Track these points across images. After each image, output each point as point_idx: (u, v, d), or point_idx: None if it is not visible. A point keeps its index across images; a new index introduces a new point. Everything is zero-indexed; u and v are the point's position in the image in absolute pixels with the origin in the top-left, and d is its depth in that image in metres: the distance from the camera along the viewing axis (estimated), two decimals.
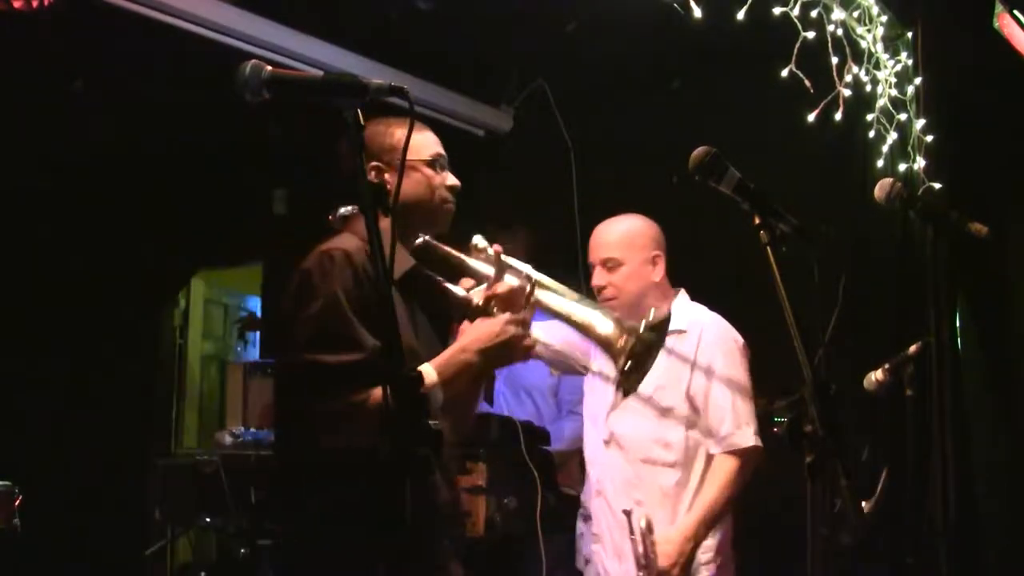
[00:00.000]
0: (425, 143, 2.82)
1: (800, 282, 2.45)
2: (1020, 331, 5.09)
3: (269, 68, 2.15)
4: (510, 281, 2.76)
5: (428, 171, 2.79)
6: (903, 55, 4.76)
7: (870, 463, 4.61)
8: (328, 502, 2.51)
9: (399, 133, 2.76)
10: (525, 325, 2.67)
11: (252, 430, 4.95)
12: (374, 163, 2.78)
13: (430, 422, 1.85)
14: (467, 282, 2.83)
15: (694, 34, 3.94)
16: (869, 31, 4.53)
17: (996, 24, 4.33)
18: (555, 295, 2.83)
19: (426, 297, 2.81)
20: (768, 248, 2.29)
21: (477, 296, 2.76)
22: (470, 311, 2.74)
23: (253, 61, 2.16)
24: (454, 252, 2.86)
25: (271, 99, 2.15)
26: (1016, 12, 4.31)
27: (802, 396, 2.19)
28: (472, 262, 2.86)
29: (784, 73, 4.00)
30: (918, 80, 4.68)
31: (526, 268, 2.83)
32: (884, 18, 4.59)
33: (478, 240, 2.88)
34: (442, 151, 2.85)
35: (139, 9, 4.28)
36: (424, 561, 2.54)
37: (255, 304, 8.39)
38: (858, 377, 3.69)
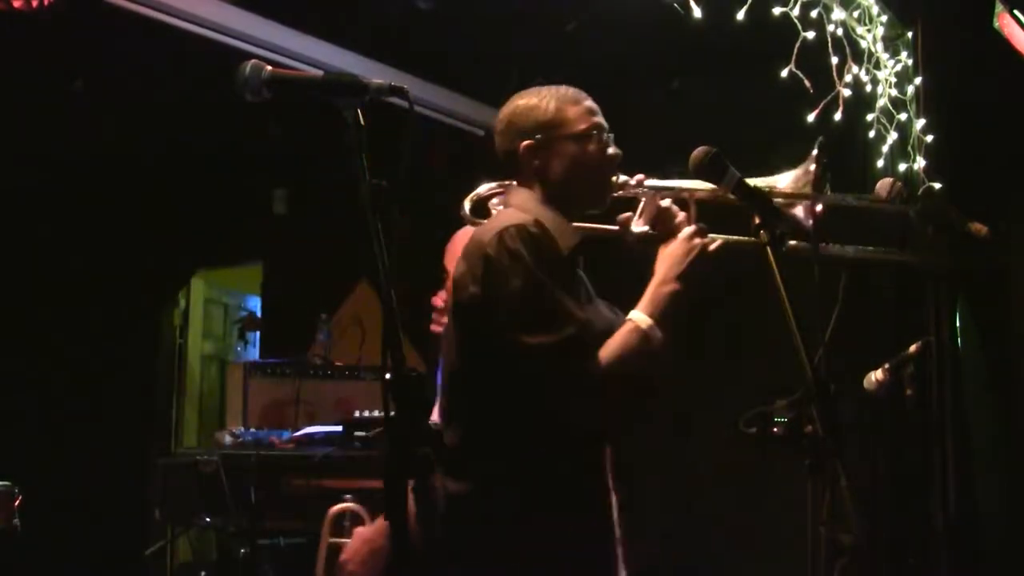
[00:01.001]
0: (579, 114, 2.62)
1: (800, 282, 2.45)
2: (1020, 330, 5.09)
3: (269, 68, 2.15)
4: (664, 203, 2.63)
5: (586, 145, 2.59)
6: (903, 55, 4.76)
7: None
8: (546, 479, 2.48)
9: (554, 105, 2.61)
10: (703, 232, 2.56)
11: (252, 430, 4.95)
12: (526, 141, 2.60)
13: (430, 422, 1.85)
14: (624, 217, 2.66)
15: (694, 34, 3.94)
16: (869, 31, 4.54)
17: (996, 24, 4.33)
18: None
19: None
20: (768, 248, 2.29)
21: (637, 228, 2.64)
22: (643, 243, 2.63)
23: (253, 61, 2.15)
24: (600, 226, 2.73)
25: (271, 99, 2.15)
26: (1016, 12, 4.31)
27: (802, 396, 2.19)
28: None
29: (784, 73, 4.01)
30: (918, 80, 4.69)
31: (671, 181, 2.67)
32: (884, 18, 4.60)
33: (619, 178, 2.65)
34: (597, 120, 2.64)
35: (139, 9, 4.28)
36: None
37: (255, 304, 8.39)
38: (859, 377, 3.70)
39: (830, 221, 2.69)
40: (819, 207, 2.65)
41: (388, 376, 1.89)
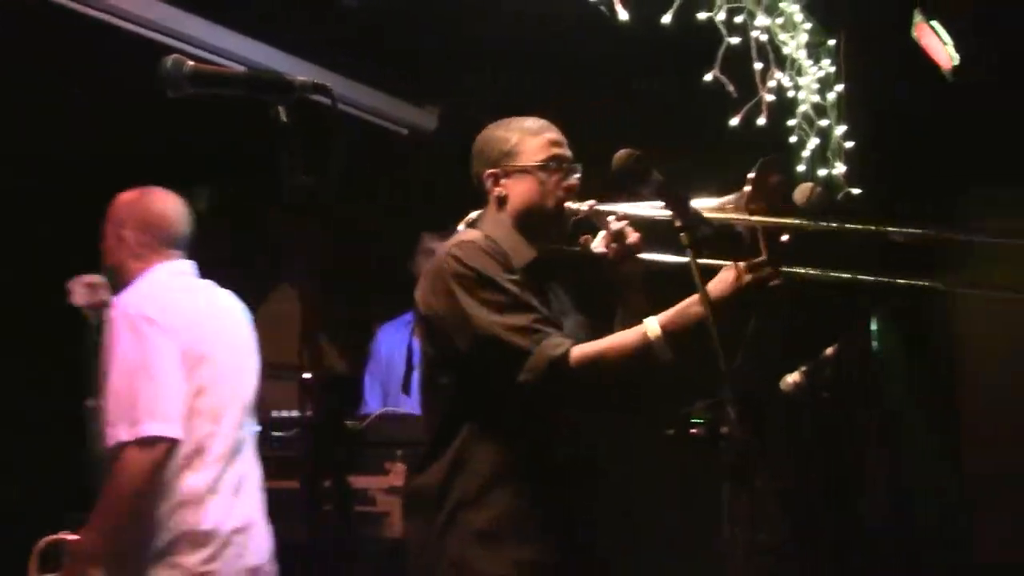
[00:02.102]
0: (537, 146, 2.80)
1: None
2: (938, 331, 5.20)
3: (191, 63, 2.12)
4: (614, 226, 2.75)
5: (540, 175, 2.77)
6: (825, 62, 4.83)
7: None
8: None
9: (516, 138, 2.80)
10: (760, 267, 2.51)
11: None
12: (490, 171, 2.81)
13: (347, 423, 1.84)
14: (584, 239, 2.82)
15: (620, 36, 3.96)
16: (792, 38, 4.59)
17: (914, 34, 4.41)
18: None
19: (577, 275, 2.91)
20: (689, 250, 2.30)
21: (596, 249, 2.79)
22: (605, 263, 2.77)
23: (175, 56, 2.12)
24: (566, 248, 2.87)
25: (193, 95, 2.12)
26: (934, 23, 4.39)
27: (721, 398, 2.20)
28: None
29: (708, 77, 4.04)
30: (839, 87, 4.75)
31: (620, 205, 2.77)
32: (808, 25, 4.65)
33: (571, 205, 2.79)
34: (556, 152, 2.80)
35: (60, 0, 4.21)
36: None
37: None
38: (776, 380, 3.73)
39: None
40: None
41: (305, 376, 1.87)
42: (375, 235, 5.80)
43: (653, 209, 2.69)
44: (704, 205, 2.61)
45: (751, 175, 2.62)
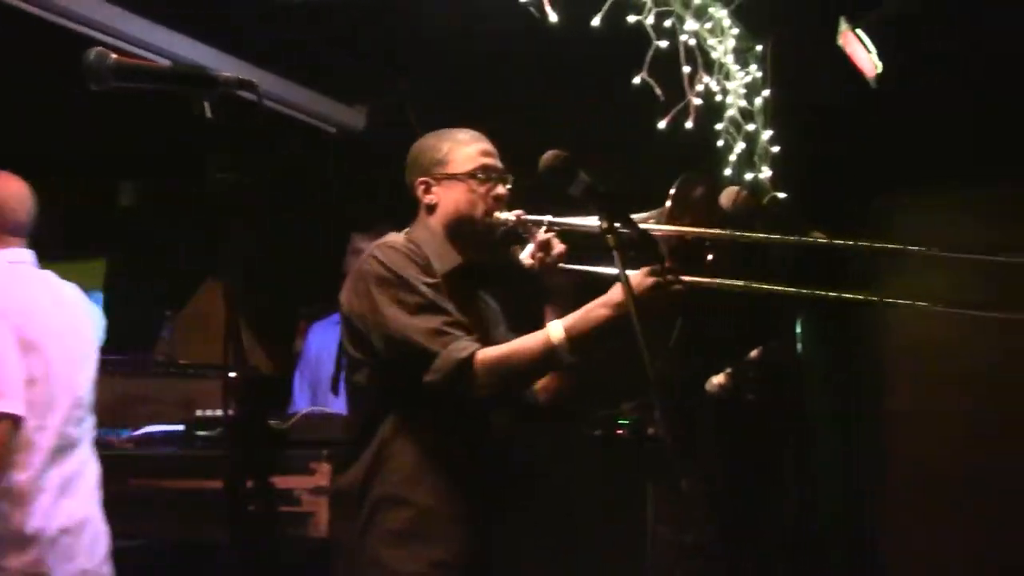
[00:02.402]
0: (467, 156, 2.86)
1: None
2: (859, 335, 5.28)
3: (115, 56, 2.09)
4: (541, 236, 2.81)
5: (469, 184, 2.83)
6: (753, 67, 4.88)
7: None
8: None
9: (447, 147, 2.86)
10: (664, 272, 2.56)
11: None
12: (422, 179, 2.87)
13: (272, 423, 1.82)
14: (514, 249, 2.89)
15: (550, 38, 3.96)
16: (721, 42, 4.63)
17: (840, 41, 4.47)
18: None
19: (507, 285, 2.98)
20: (615, 252, 2.31)
21: (525, 259, 2.85)
22: (530, 274, 2.83)
23: (98, 48, 2.09)
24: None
25: (117, 88, 2.09)
26: (859, 31, 4.46)
27: (647, 399, 2.22)
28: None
29: (636, 80, 4.06)
30: (766, 92, 4.81)
31: (546, 216, 2.82)
32: (735, 31, 4.70)
33: (498, 215, 2.84)
34: (486, 162, 2.85)
35: None
36: None
37: (97, 299, 8.14)
38: (702, 381, 3.76)
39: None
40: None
41: (229, 375, 1.85)
42: (304, 234, 5.76)
43: (581, 220, 2.72)
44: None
45: (672, 191, 2.66)
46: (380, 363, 2.68)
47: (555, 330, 2.57)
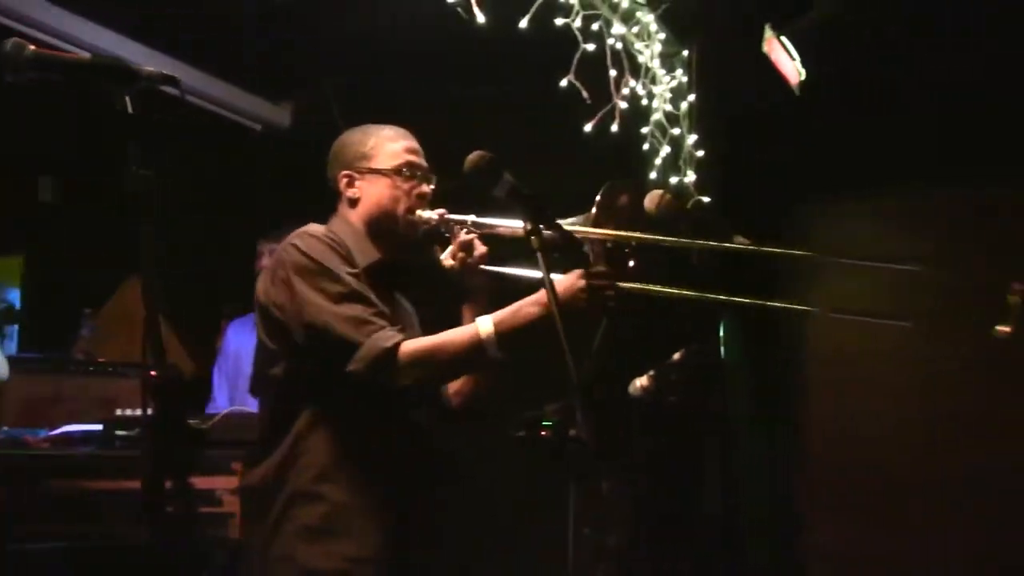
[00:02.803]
0: (393, 152, 2.85)
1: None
2: (780, 338, 5.34)
3: (32, 47, 2.05)
4: (463, 237, 2.82)
5: (393, 180, 2.81)
6: (679, 72, 4.92)
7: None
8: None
9: (372, 142, 2.85)
10: (596, 276, 2.56)
11: (5, 428, 4.70)
12: (345, 172, 2.85)
13: (192, 422, 1.80)
14: (436, 249, 2.90)
15: (477, 39, 3.96)
16: (647, 47, 4.67)
17: (765, 48, 4.52)
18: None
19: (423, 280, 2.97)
20: (538, 254, 2.31)
21: (446, 260, 2.85)
22: (450, 274, 2.83)
23: (15, 39, 2.05)
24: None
25: (35, 80, 2.05)
26: (784, 38, 4.51)
27: (570, 402, 2.22)
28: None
29: (563, 83, 4.07)
30: (692, 97, 4.85)
31: (469, 216, 2.83)
32: (662, 35, 4.74)
33: (421, 214, 2.83)
34: (410, 159, 2.85)
35: None
36: None
37: (14, 296, 7.98)
38: (626, 383, 3.78)
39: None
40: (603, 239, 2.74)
41: (147, 373, 1.83)
42: (225, 231, 5.70)
43: (504, 221, 2.73)
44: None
45: (598, 198, 2.67)
46: (298, 355, 2.63)
47: (484, 325, 2.56)
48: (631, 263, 2.69)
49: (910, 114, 5.10)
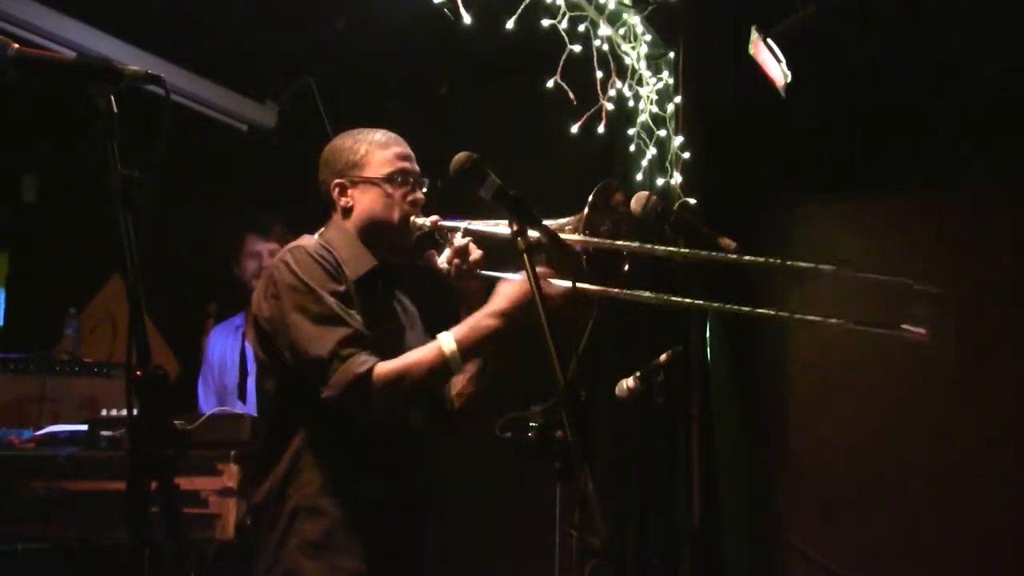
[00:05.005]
0: (384, 159, 2.84)
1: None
2: (764, 340, 5.35)
3: (16, 46, 2.04)
4: (458, 242, 2.82)
5: (386, 188, 2.81)
6: (664, 73, 4.92)
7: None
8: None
9: (364, 149, 2.84)
10: (546, 277, 2.60)
11: None
12: (337, 180, 2.84)
13: (175, 423, 1.80)
14: (430, 253, 2.89)
15: (464, 40, 3.96)
16: (633, 48, 4.67)
17: (751, 50, 4.53)
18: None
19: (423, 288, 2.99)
20: (524, 255, 2.31)
21: (441, 264, 2.85)
22: (449, 278, 2.84)
23: None
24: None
25: (18, 79, 2.04)
26: (769, 40, 4.52)
27: (555, 402, 2.22)
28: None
29: (550, 84, 4.07)
30: (678, 98, 4.85)
31: (462, 223, 2.84)
32: (648, 37, 4.74)
33: (415, 220, 2.85)
34: (403, 165, 2.85)
35: None
36: None
37: None
38: (613, 385, 3.78)
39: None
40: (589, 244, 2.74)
41: (132, 373, 1.82)
42: (211, 231, 5.68)
43: (497, 226, 2.73)
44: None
45: (591, 197, 2.68)
46: (288, 370, 2.65)
47: (446, 342, 2.60)
48: (625, 267, 2.70)
49: (893, 115, 5.12)
